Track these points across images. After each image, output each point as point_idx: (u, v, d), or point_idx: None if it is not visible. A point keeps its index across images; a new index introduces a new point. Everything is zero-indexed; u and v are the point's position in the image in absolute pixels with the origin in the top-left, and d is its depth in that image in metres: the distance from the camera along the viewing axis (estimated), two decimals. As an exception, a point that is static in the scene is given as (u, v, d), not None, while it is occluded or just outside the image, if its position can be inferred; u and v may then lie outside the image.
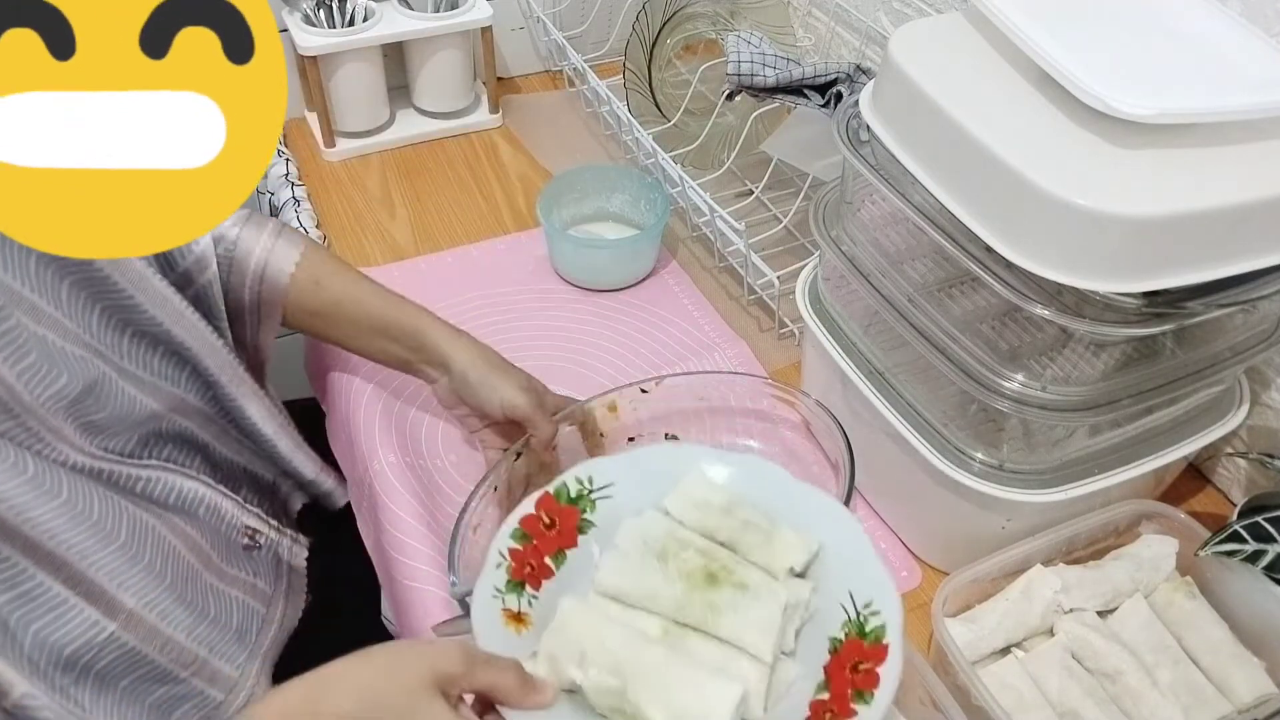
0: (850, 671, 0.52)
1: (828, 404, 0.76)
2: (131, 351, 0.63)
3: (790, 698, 0.53)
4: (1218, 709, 0.63)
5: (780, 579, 0.57)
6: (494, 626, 0.53)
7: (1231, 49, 0.60)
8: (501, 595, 0.55)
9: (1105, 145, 0.55)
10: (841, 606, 0.55)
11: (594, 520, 0.60)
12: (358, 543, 0.81)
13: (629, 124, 1.01)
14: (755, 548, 0.58)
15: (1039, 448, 0.66)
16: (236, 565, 0.69)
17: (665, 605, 0.55)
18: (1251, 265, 0.57)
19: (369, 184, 1.11)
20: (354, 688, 0.47)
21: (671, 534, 0.58)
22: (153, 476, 0.63)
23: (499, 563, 0.56)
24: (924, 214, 0.62)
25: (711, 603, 0.55)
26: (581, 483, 0.60)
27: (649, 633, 0.54)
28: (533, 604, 0.55)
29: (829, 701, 0.52)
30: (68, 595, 0.56)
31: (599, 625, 0.53)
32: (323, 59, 1.06)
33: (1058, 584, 0.67)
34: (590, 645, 0.51)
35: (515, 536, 0.57)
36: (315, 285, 0.75)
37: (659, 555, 0.57)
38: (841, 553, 0.57)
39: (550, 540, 0.58)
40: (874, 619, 0.54)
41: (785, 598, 0.55)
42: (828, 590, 0.56)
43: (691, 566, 0.56)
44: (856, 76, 0.87)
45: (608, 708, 0.50)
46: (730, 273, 1.00)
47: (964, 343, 0.64)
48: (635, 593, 0.56)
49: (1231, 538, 0.64)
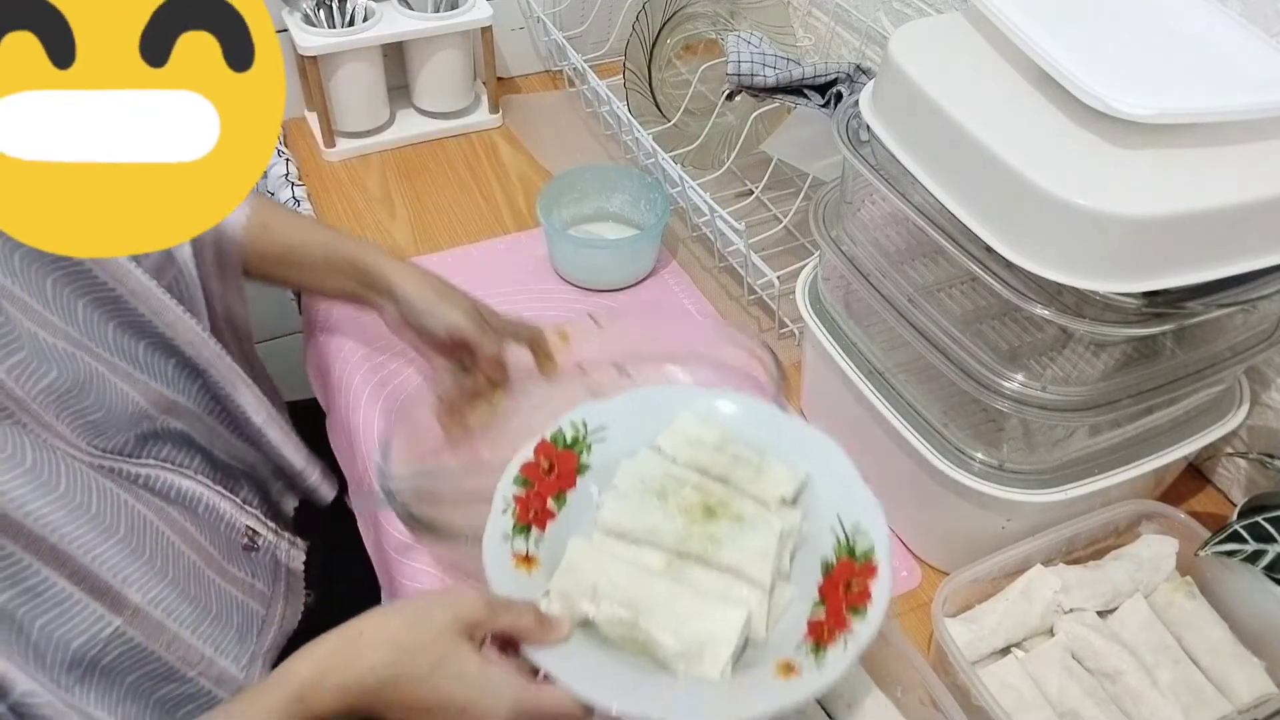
0: (844, 590, 0.56)
1: (828, 404, 0.76)
2: (119, 346, 0.63)
3: (789, 618, 0.56)
4: (1218, 709, 0.63)
5: (772, 508, 0.60)
6: (505, 570, 0.55)
7: (1231, 49, 0.60)
8: (510, 539, 0.57)
9: (1105, 145, 0.55)
10: (831, 530, 0.58)
11: (590, 462, 0.62)
12: (358, 542, 0.81)
13: (629, 124, 1.01)
14: (747, 480, 0.61)
15: (1039, 448, 0.66)
16: (236, 565, 0.69)
17: (667, 539, 0.58)
18: (1251, 265, 0.57)
19: (369, 184, 1.11)
20: (385, 639, 0.50)
21: (668, 472, 0.61)
22: (151, 475, 0.63)
23: (504, 508, 0.58)
24: (924, 214, 0.62)
25: (711, 535, 0.58)
26: (577, 427, 0.63)
27: (653, 566, 0.57)
28: (539, 545, 0.57)
29: (826, 619, 0.55)
30: (72, 590, 0.56)
31: (607, 562, 0.56)
32: (323, 59, 1.06)
33: (1058, 584, 0.67)
34: (600, 581, 0.54)
35: (517, 482, 0.59)
36: (266, 230, 0.77)
37: (658, 493, 0.60)
38: (828, 480, 0.61)
39: (550, 484, 0.60)
40: (862, 540, 0.57)
41: (780, 526, 0.58)
42: (817, 516, 0.59)
43: (690, 502, 0.59)
44: (856, 76, 0.87)
45: (620, 638, 0.53)
46: (730, 273, 1.00)
47: (964, 343, 0.64)
48: (638, 529, 0.58)
49: (1231, 538, 0.64)
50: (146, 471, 0.63)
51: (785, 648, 0.55)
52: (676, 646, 0.53)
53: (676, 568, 0.57)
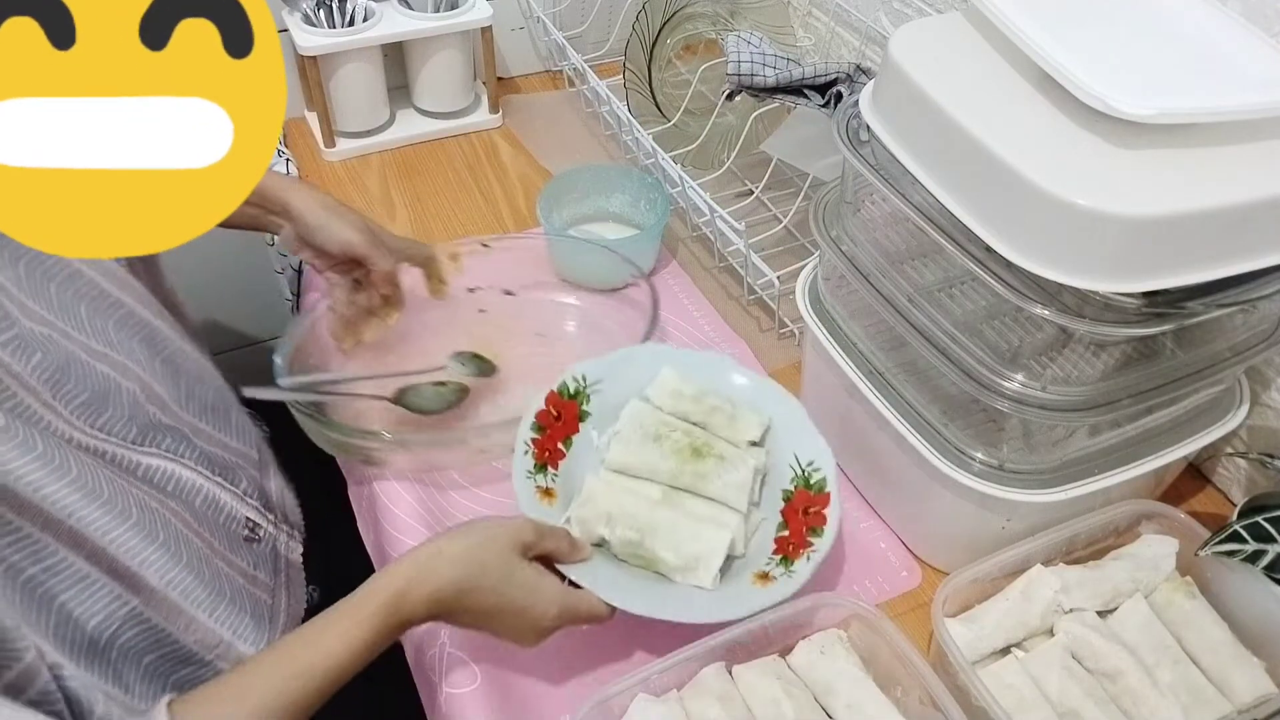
0: (802, 515, 0.69)
1: (828, 404, 0.76)
2: (93, 328, 0.63)
3: (759, 537, 0.70)
4: (1218, 709, 0.63)
5: (743, 448, 0.72)
6: (532, 501, 0.68)
7: (1231, 49, 0.60)
8: (533, 476, 0.70)
9: (1105, 145, 0.55)
10: (790, 466, 0.72)
11: (590, 410, 0.75)
12: (359, 539, 0.81)
13: (629, 124, 1.01)
14: (721, 426, 0.73)
15: (1039, 448, 0.66)
16: (239, 555, 0.69)
17: (663, 475, 0.71)
18: (1251, 265, 0.57)
19: (369, 184, 1.11)
20: (456, 558, 0.59)
21: (660, 419, 0.73)
22: (153, 464, 0.63)
23: (525, 450, 0.70)
24: (924, 214, 0.62)
25: (699, 471, 0.70)
26: (577, 380, 0.75)
27: (652, 497, 0.70)
28: (555, 481, 0.71)
29: (789, 537, 0.69)
30: (90, 570, 0.56)
31: (618, 494, 0.69)
32: (323, 59, 1.06)
33: (1058, 584, 0.67)
34: (613, 509, 0.67)
35: (533, 428, 0.72)
36: None
37: (654, 438, 0.72)
38: (786, 424, 0.74)
39: (559, 429, 0.73)
40: (816, 474, 0.71)
41: (753, 463, 0.71)
42: (778, 454, 0.73)
43: (680, 445, 0.71)
44: (856, 76, 0.87)
45: (629, 555, 0.67)
46: (730, 273, 1.00)
47: (964, 343, 0.64)
48: (639, 466, 0.71)
49: (1231, 538, 0.64)
50: (150, 460, 0.63)
51: (759, 561, 0.68)
52: (676, 561, 0.66)
53: (671, 498, 0.70)
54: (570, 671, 0.67)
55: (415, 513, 0.75)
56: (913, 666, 0.61)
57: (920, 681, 0.60)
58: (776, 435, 0.74)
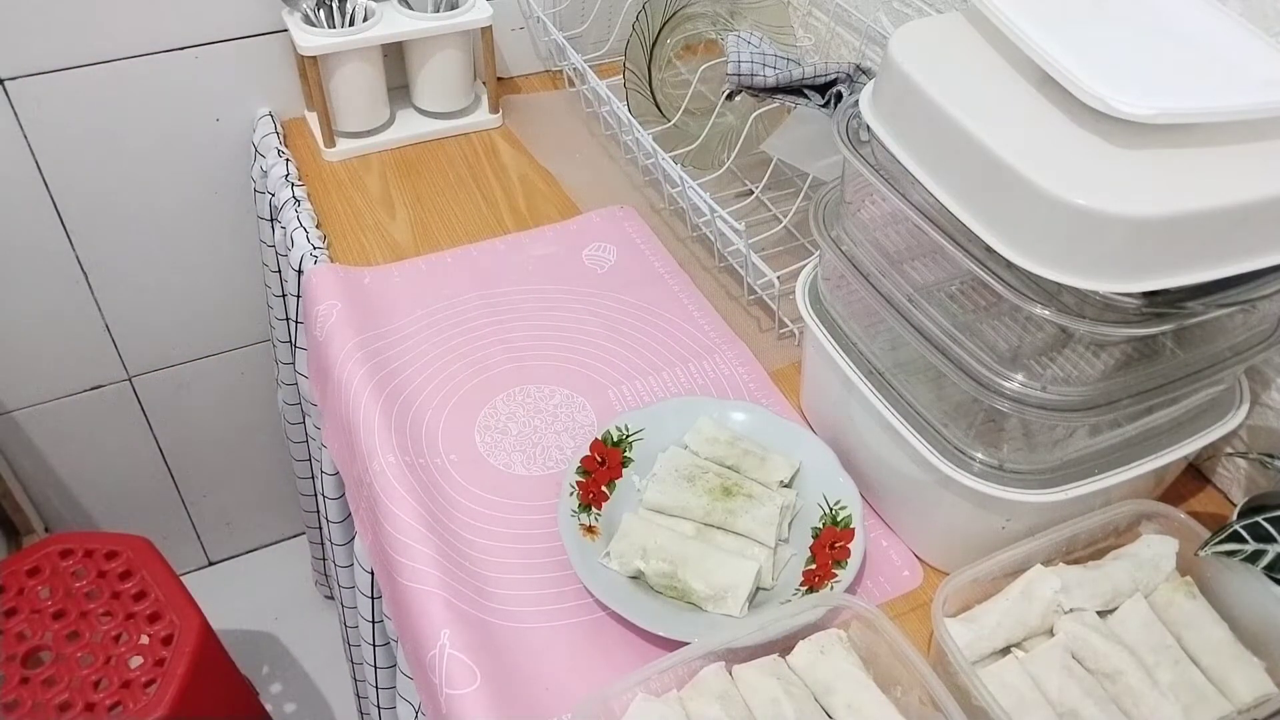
0: (829, 549, 0.73)
1: (828, 404, 0.76)
2: None
3: (788, 571, 0.73)
4: (1218, 709, 0.63)
5: (774, 489, 0.77)
6: (575, 538, 0.72)
7: (1231, 49, 0.60)
8: (576, 515, 0.74)
9: (1105, 145, 0.55)
10: (818, 505, 0.76)
11: (632, 457, 0.80)
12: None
13: (629, 124, 1.01)
14: (754, 468, 0.78)
15: (1039, 448, 0.66)
16: None
17: (696, 512, 0.75)
18: (1251, 265, 0.57)
19: (369, 184, 1.11)
20: None
21: (694, 462, 0.78)
22: None
23: (570, 492, 0.75)
24: (924, 214, 0.62)
25: (729, 509, 0.75)
26: (621, 430, 0.81)
27: (686, 533, 0.74)
28: (598, 520, 0.75)
29: (816, 570, 0.72)
30: None
31: (653, 530, 0.73)
32: (323, 59, 1.06)
33: (1058, 584, 0.67)
34: (648, 543, 0.72)
35: (579, 473, 0.77)
36: None
37: (688, 478, 0.77)
38: (817, 468, 0.78)
39: (603, 474, 0.78)
40: (843, 512, 0.75)
41: (780, 501, 0.75)
42: (807, 494, 0.77)
43: (712, 485, 0.76)
44: (856, 76, 0.87)
45: (664, 586, 0.71)
46: (730, 273, 1.00)
47: (964, 343, 0.64)
48: (674, 506, 0.75)
49: (1231, 538, 0.64)
50: None
51: (787, 594, 0.71)
52: (706, 591, 0.69)
53: (704, 533, 0.74)
54: (570, 671, 0.67)
55: (415, 512, 0.75)
56: (913, 666, 0.61)
57: (920, 681, 0.60)
58: (807, 478, 0.78)
